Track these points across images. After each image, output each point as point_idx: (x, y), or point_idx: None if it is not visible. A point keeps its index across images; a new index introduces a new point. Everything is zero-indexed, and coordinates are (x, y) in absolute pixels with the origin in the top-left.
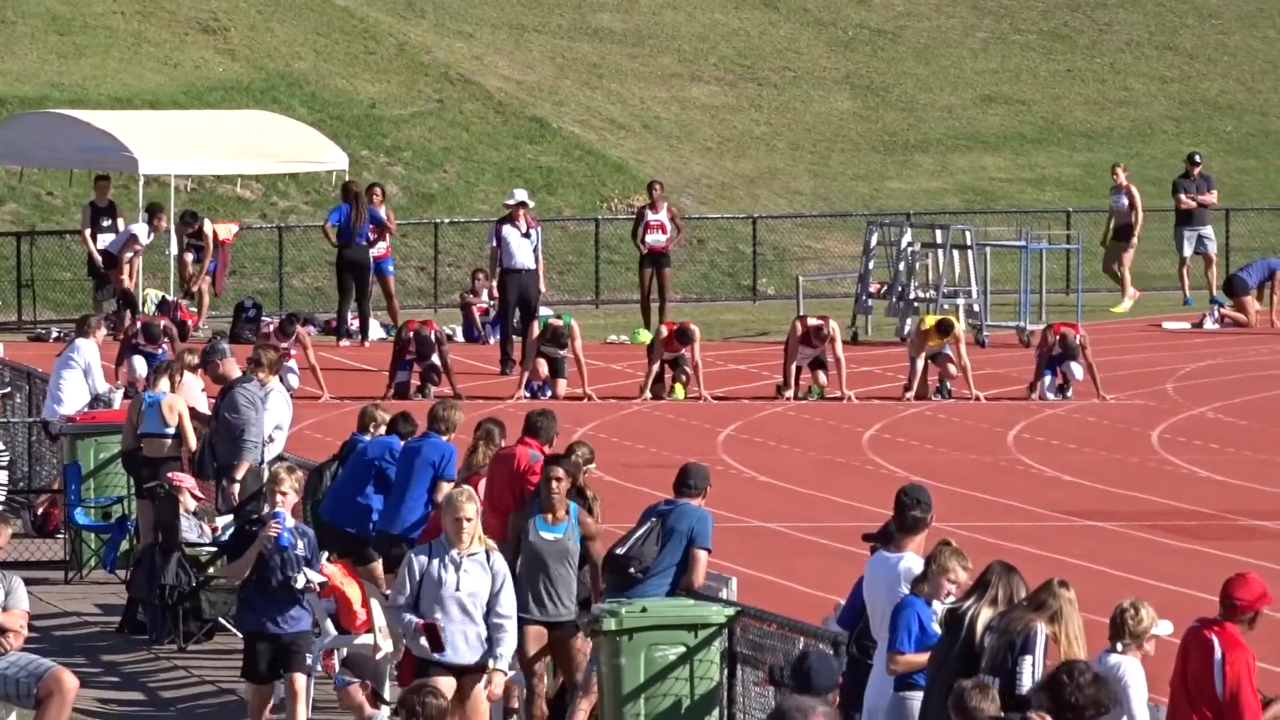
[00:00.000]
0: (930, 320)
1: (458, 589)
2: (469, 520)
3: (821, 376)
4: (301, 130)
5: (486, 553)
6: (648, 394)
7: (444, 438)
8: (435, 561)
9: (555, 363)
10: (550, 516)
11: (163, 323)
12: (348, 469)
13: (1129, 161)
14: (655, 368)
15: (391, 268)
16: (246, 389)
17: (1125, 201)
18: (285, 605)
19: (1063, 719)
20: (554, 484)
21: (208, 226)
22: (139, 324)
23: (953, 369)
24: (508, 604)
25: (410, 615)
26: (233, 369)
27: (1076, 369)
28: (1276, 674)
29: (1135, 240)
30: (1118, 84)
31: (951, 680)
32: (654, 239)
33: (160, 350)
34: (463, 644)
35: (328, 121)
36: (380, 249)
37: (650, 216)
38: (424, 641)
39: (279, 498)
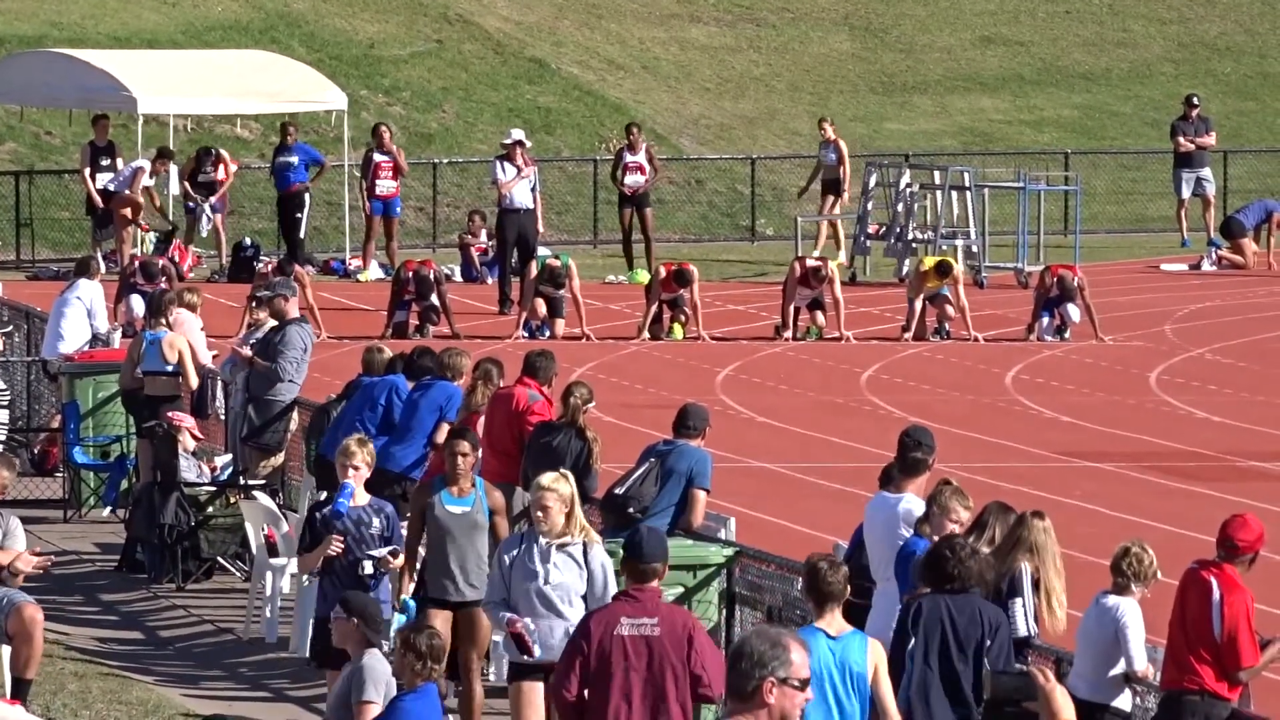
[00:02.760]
0: (929, 261)
1: (545, 581)
2: (549, 509)
3: (820, 317)
4: (300, 70)
5: (585, 545)
6: (646, 334)
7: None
8: (522, 551)
9: (553, 302)
10: (456, 489)
11: (161, 261)
12: (352, 407)
13: (1128, 103)
14: (653, 308)
15: (399, 210)
16: (304, 330)
17: (834, 156)
18: (354, 589)
19: (944, 590)
20: (459, 458)
21: (222, 172)
22: (137, 262)
23: (951, 310)
24: None
25: (506, 613)
26: (292, 308)
27: (1074, 311)
28: (1274, 615)
29: (845, 195)
30: (1116, 25)
31: None
32: (632, 180)
33: (158, 289)
34: (553, 641)
35: (326, 61)
36: (389, 188)
37: (629, 158)
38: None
39: (350, 471)
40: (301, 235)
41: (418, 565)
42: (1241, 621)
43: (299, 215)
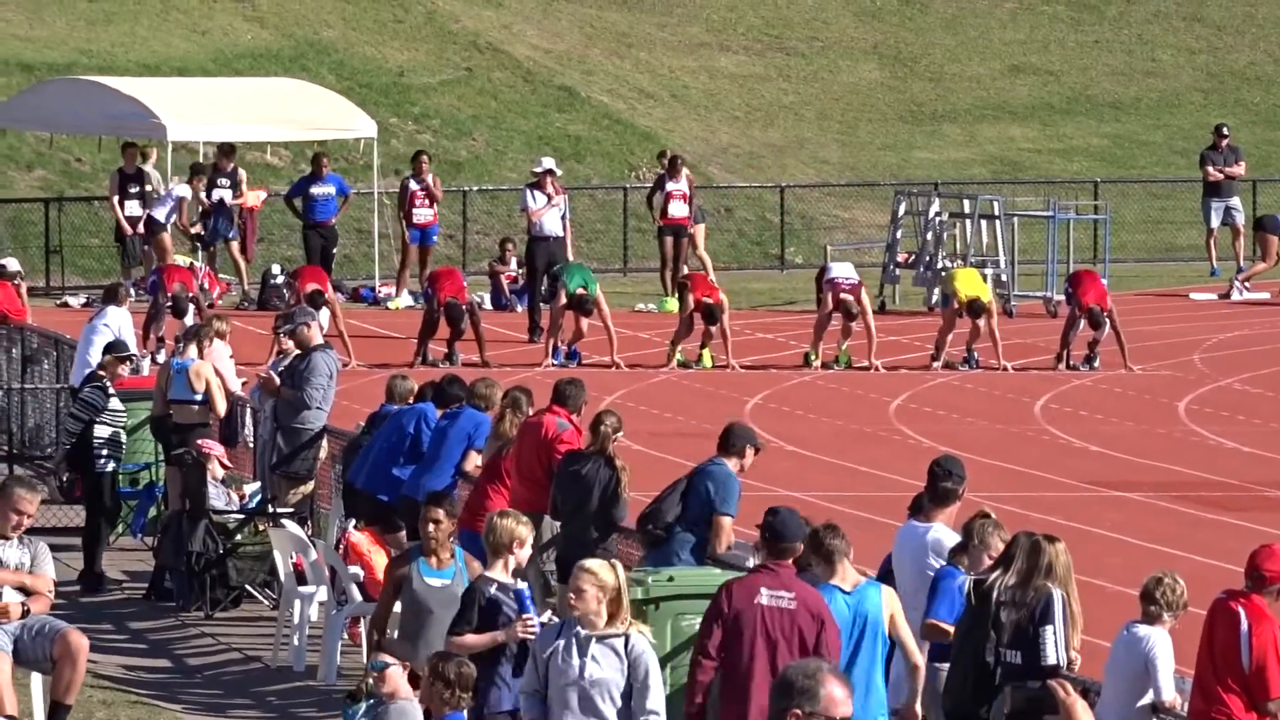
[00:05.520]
0: (962, 280)
1: (581, 676)
2: (583, 592)
3: (844, 343)
4: (330, 98)
5: (626, 637)
6: (676, 360)
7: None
8: (560, 643)
9: (579, 304)
10: (435, 561)
11: (191, 294)
12: (382, 436)
13: (1156, 133)
14: (683, 333)
15: (435, 238)
16: (329, 357)
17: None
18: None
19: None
20: (431, 526)
21: (241, 172)
22: (168, 296)
23: (982, 325)
24: (656, 700)
25: (538, 706)
26: (316, 335)
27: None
28: None
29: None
30: (1145, 55)
31: (976, 651)
32: (675, 209)
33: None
34: None
35: (356, 89)
36: (427, 217)
37: (670, 185)
38: None
39: (511, 557)
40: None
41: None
42: (1270, 652)
43: (334, 250)
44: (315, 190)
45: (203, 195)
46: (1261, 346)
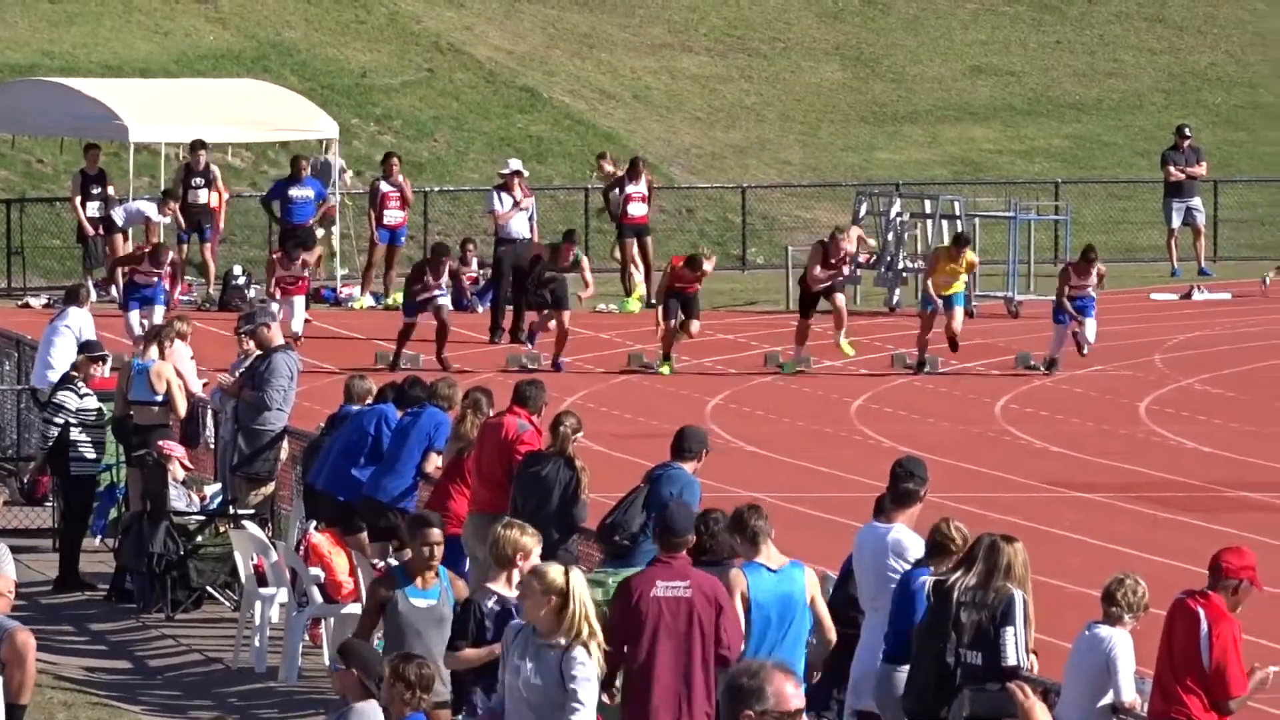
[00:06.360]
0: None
1: (518, 679)
2: (525, 597)
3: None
4: (292, 99)
5: (566, 649)
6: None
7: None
8: (515, 644)
9: (555, 298)
10: (421, 581)
11: (171, 254)
12: (342, 437)
13: (1117, 134)
14: (664, 306)
15: (404, 240)
16: (289, 357)
17: (618, 191)
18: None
19: (700, 561)
20: (429, 549)
21: (215, 199)
22: (147, 249)
23: (958, 324)
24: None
25: (480, 695)
26: (276, 335)
27: (1090, 330)
28: (1260, 644)
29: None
30: (1107, 56)
31: (937, 653)
32: (635, 210)
33: (157, 280)
34: None
35: (318, 90)
36: (397, 219)
37: (630, 188)
38: None
39: (515, 570)
40: None
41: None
42: (1230, 651)
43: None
44: (294, 193)
45: (169, 219)
46: (1223, 347)
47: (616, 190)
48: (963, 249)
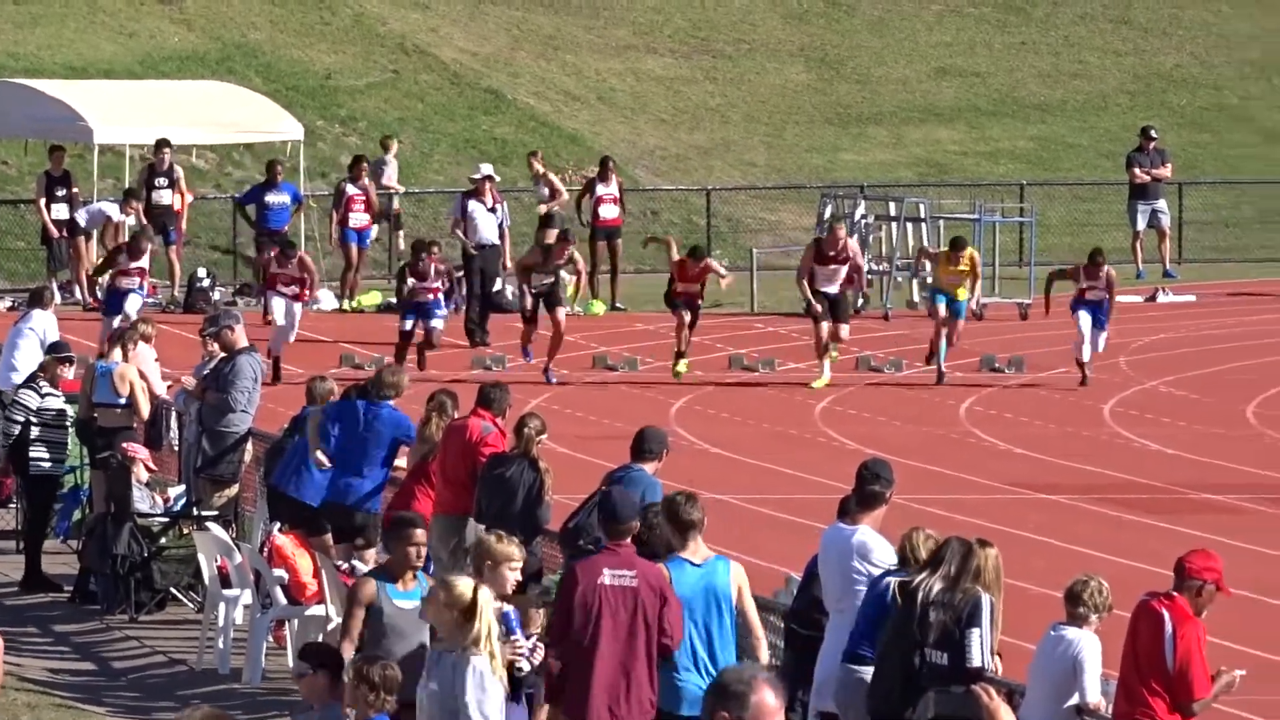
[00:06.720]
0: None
1: (426, 685)
2: (427, 605)
3: (843, 329)
4: (256, 100)
5: (462, 658)
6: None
7: (393, 403)
8: (439, 647)
9: (549, 300)
10: (402, 583)
11: (148, 244)
12: (305, 439)
13: (1082, 135)
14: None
15: (369, 243)
16: (253, 359)
17: (547, 191)
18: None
19: (642, 553)
20: (414, 550)
21: (178, 201)
22: (124, 244)
23: (958, 333)
24: None
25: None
26: (241, 337)
27: (1100, 340)
28: (1225, 646)
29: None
30: (1072, 57)
31: (903, 653)
32: (606, 212)
33: (139, 283)
34: None
35: (283, 92)
36: (363, 221)
37: (601, 190)
38: None
39: (510, 575)
40: None
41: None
42: (1194, 653)
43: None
44: (270, 198)
45: (131, 219)
46: (1186, 349)
47: (588, 195)
48: (960, 251)
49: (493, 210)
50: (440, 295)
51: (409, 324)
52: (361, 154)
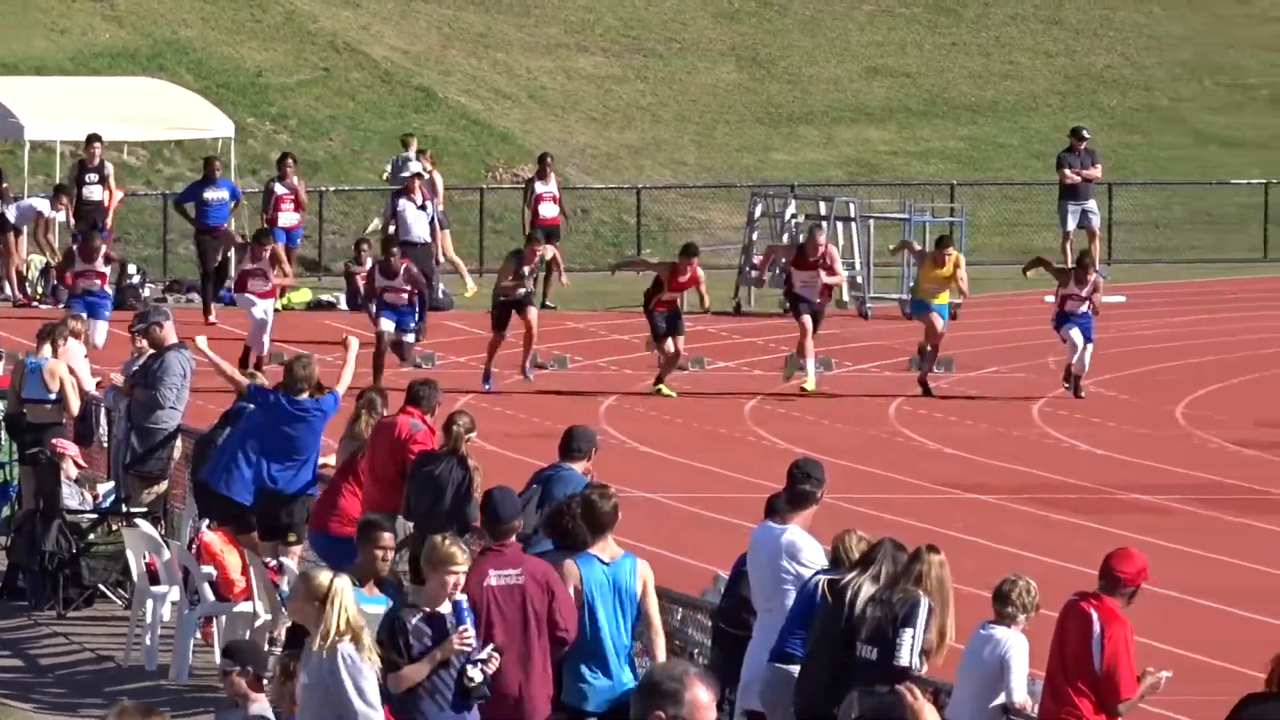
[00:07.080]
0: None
1: (303, 681)
2: (293, 599)
3: (809, 366)
4: (187, 97)
5: (318, 648)
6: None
7: (304, 395)
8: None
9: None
10: (369, 589)
11: (103, 245)
12: (236, 436)
13: (1013, 135)
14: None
15: (299, 241)
16: (183, 356)
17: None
18: (460, 707)
19: (563, 545)
20: (382, 554)
21: (107, 197)
22: (75, 245)
23: (940, 326)
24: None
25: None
26: (170, 334)
27: (1086, 355)
28: (1153, 647)
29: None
30: (1003, 58)
31: (831, 652)
32: (546, 210)
33: (99, 286)
34: None
35: (214, 89)
36: (292, 220)
37: (540, 188)
38: None
39: (450, 578)
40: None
41: None
42: (1122, 654)
43: (229, 255)
44: (208, 195)
45: (61, 215)
46: (1115, 350)
47: (527, 192)
48: (945, 249)
49: (423, 208)
50: (415, 303)
51: (389, 324)
52: (289, 152)
